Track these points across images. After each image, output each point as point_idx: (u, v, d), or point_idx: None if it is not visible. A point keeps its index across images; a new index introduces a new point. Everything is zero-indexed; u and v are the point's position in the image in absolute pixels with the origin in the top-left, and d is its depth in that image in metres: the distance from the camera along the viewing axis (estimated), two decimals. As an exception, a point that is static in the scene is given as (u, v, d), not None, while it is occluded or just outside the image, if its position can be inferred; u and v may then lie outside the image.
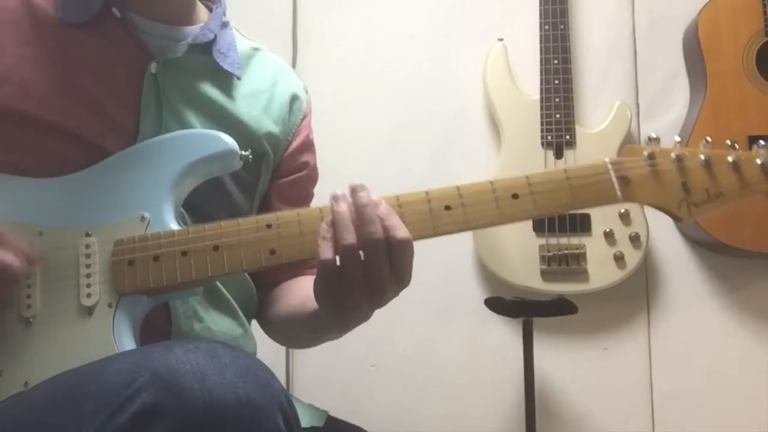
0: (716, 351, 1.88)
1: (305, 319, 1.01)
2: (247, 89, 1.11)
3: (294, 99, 1.17)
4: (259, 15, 1.99)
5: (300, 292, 1.06)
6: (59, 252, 0.90)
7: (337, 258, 0.84)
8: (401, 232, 0.84)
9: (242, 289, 1.10)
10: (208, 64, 1.07)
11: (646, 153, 0.92)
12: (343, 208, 0.85)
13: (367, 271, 0.83)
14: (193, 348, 0.73)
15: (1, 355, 0.86)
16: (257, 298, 1.14)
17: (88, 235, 0.90)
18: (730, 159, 0.90)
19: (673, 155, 0.91)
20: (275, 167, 1.14)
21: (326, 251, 0.84)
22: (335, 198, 0.86)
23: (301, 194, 1.18)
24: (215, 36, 1.07)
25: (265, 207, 1.13)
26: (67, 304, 0.87)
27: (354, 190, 0.86)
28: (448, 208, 0.89)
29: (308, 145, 1.19)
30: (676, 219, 0.92)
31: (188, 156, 0.94)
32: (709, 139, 0.92)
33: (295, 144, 1.16)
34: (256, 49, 1.17)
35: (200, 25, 1.08)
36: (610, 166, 0.91)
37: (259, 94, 1.12)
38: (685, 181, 0.91)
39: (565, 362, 1.88)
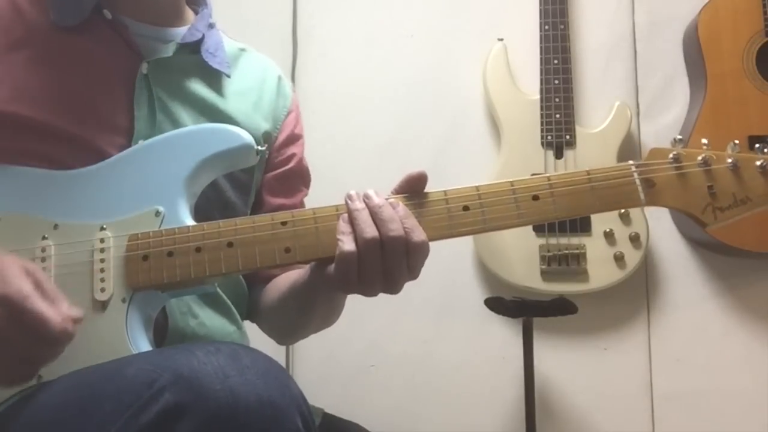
0: (716, 351, 1.88)
1: (298, 296, 1.01)
2: (236, 87, 1.12)
3: (280, 88, 1.18)
4: (259, 15, 1.99)
5: (291, 276, 1.06)
6: (74, 246, 0.90)
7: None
8: (418, 234, 0.85)
9: (235, 287, 1.11)
10: (198, 63, 1.08)
11: (671, 156, 0.90)
12: (361, 206, 0.86)
13: (385, 266, 0.84)
14: (213, 350, 0.73)
15: None
16: (252, 298, 1.15)
17: (102, 229, 0.90)
18: (757, 163, 0.89)
19: (699, 158, 0.89)
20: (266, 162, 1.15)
21: (347, 243, 0.84)
22: (350, 197, 0.87)
23: (291, 188, 1.18)
24: (203, 36, 1.09)
25: (256, 203, 1.14)
26: (80, 298, 0.87)
27: (367, 196, 0.87)
28: (466, 208, 0.89)
29: (294, 139, 1.19)
30: (701, 224, 0.89)
31: (203, 151, 0.94)
32: (737, 141, 0.90)
33: (282, 137, 1.16)
34: (243, 50, 1.19)
35: (188, 26, 1.10)
36: (634, 168, 0.90)
37: (248, 91, 1.14)
38: (711, 185, 0.89)
39: (565, 362, 1.88)
